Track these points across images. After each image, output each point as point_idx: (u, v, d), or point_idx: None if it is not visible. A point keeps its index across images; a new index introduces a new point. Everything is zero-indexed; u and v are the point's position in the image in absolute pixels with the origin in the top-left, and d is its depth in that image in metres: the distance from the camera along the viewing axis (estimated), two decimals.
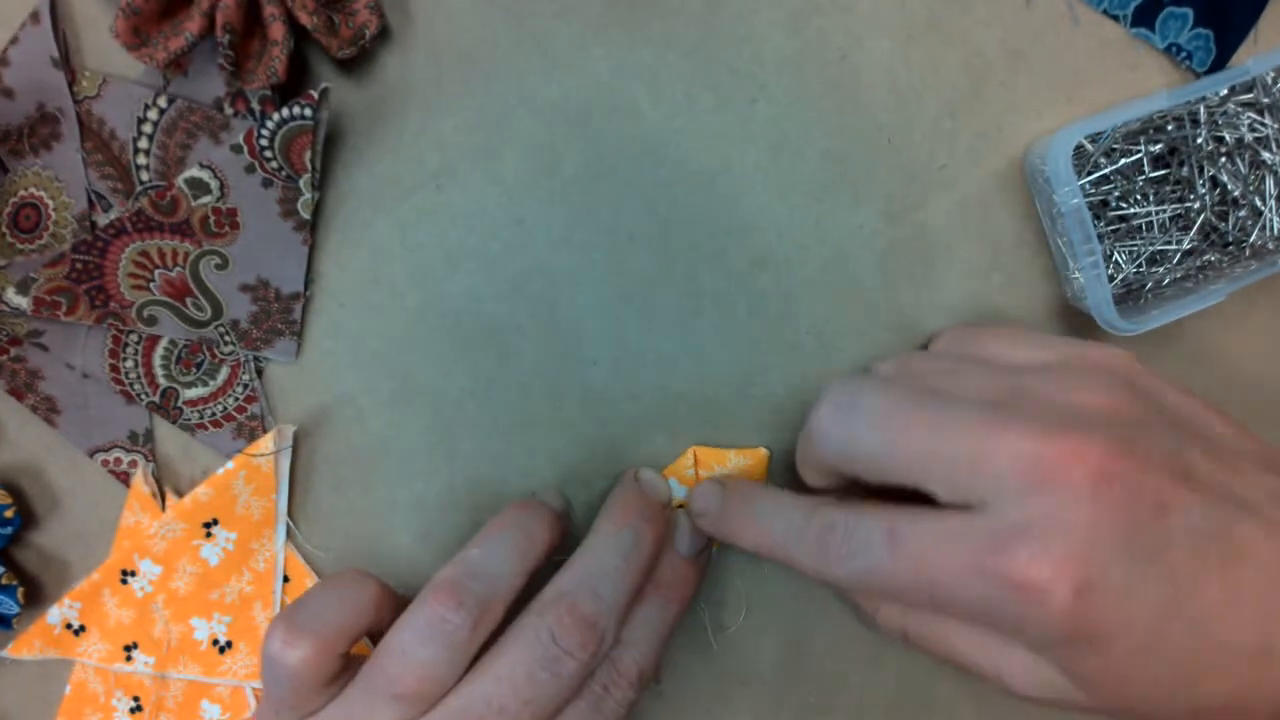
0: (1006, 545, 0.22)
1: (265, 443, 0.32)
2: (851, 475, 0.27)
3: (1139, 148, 0.31)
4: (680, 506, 0.32)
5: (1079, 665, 0.23)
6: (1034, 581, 0.22)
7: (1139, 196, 0.31)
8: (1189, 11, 0.32)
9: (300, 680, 0.26)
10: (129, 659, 0.33)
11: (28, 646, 0.33)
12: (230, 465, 0.32)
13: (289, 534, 0.33)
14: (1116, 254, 0.31)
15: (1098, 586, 0.22)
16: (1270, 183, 0.31)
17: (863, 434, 0.25)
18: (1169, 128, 0.31)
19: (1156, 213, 0.31)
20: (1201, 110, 0.31)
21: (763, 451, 0.32)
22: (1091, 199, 0.31)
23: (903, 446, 0.25)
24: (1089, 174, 0.31)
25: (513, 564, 0.27)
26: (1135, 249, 0.31)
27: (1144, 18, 0.32)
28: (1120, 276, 0.31)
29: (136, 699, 0.33)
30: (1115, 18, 0.32)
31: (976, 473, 0.23)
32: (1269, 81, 0.31)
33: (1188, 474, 0.23)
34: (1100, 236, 0.31)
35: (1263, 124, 0.31)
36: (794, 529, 0.27)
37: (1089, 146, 0.31)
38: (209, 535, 0.32)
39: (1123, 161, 0.31)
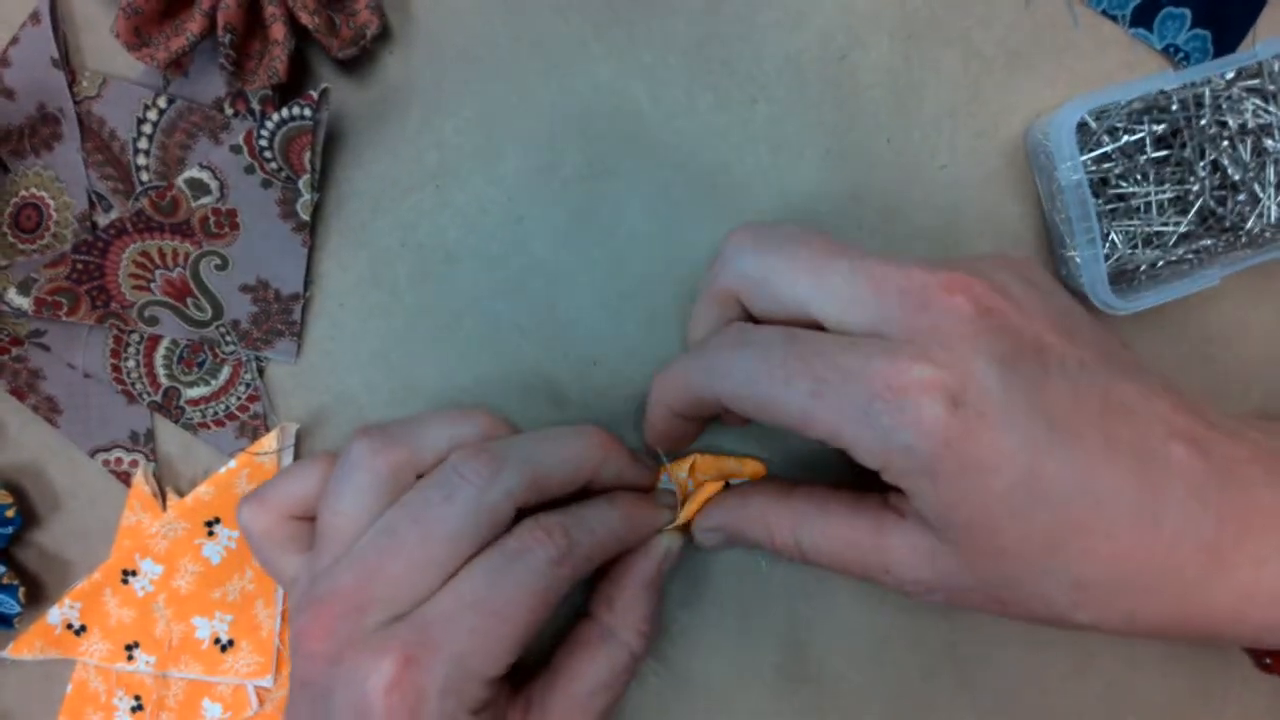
0: (890, 352, 0.22)
1: (268, 441, 0.32)
2: (750, 301, 0.27)
3: (1142, 127, 0.31)
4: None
5: (955, 505, 0.22)
6: (911, 384, 0.22)
7: (1139, 176, 0.31)
8: (1187, 12, 0.32)
9: (252, 539, 0.28)
10: (130, 658, 0.33)
11: (28, 647, 0.33)
12: (233, 464, 0.32)
13: None
14: (1113, 234, 0.32)
15: (974, 403, 0.22)
16: (1271, 170, 0.31)
17: (771, 251, 0.26)
18: (1173, 108, 0.31)
19: (1155, 193, 0.31)
20: (1206, 93, 0.31)
21: (758, 465, 0.32)
22: (1092, 176, 0.31)
23: (802, 262, 0.25)
24: (1090, 151, 0.31)
25: (435, 425, 0.28)
26: (1132, 230, 0.31)
27: (1142, 18, 0.32)
28: (1115, 256, 0.32)
29: (138, 698, 0.33)
30: (1114, 18, 0.32)
31: (867, 294, 0.24)
32: (1275, 69, 0.31)
33: (1070, 333, 0.24)
34: (1098, 215, 0.31)
35: (1267, 110, 0.31)
36: (698, 326, 0.28)
37: (1092, 124, 0.31)
38: (211, 534, 0.32)
39: (1125, 139, 0.31)
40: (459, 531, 0.25)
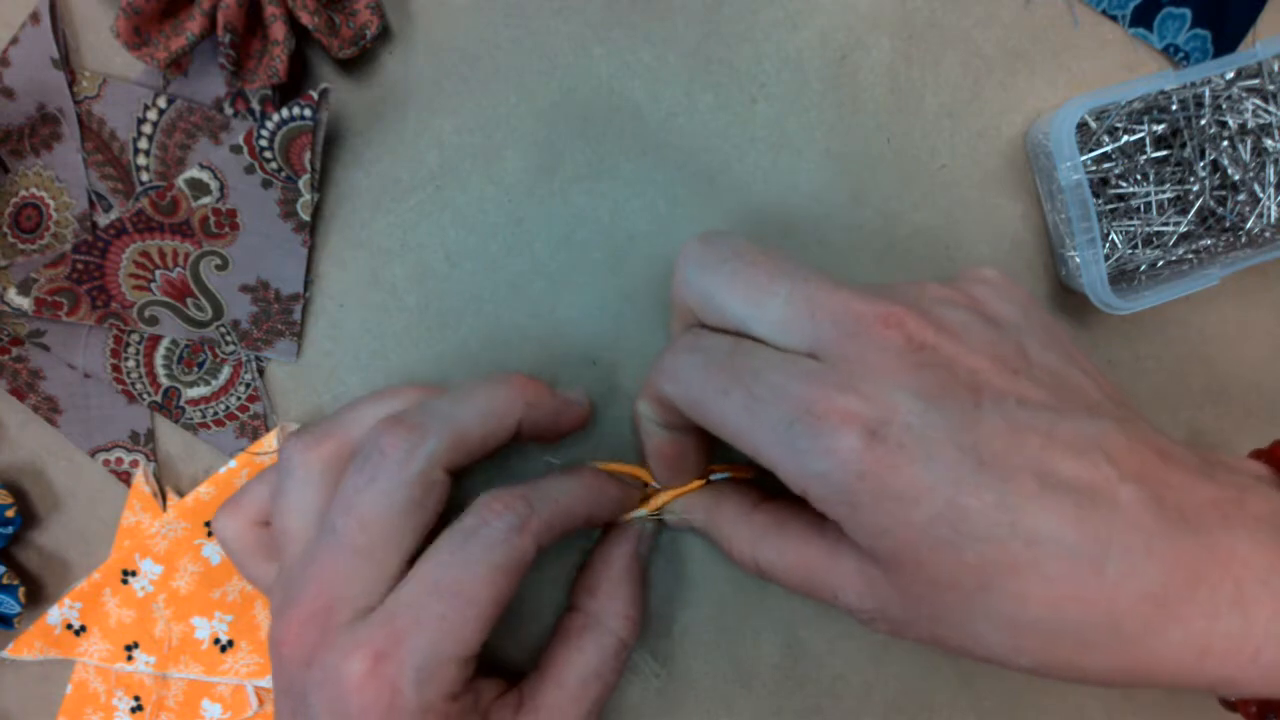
0: (816, 376, 0.22)
1: (268, 441, 0.32)
2: (699, 314, 0.26)
3: (1142, 127, 0.31)
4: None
5: (878, 535, 0.22)
6: (831, 411, 0.22)
7: (1139, 176, 0.31)
8: (1187, 12, 0.32)
9: (227, 547, 0.29)
10: (130, 659, 0.33)
11: (28, 647, 0.33)
12: (233, 464, 0.32)
13: None
14: (1113, 234, 0.32)
15: (893, 436, 0.21)
16: (1270, 170, 0.31)
17: (713, 268, 0.25)
18: (1173, 108, 0.31)
19: (1155, 193, 0.31)
20: (1206, 93, 0.31)
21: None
22: (1092, 176, 0.31)
23: (741, 282, 0.25)
24: (1090, 151, 0.31)
25: (363, 408, 0.28)
26: (1132, 230, 0.32)
27: (1142, 17, 0.32)
28: (1115, 256, 0.32)
29: (137, 699, 0.33)
30: (1114, 18, 0.32)
31: (803, 319, 0.23)
32: (1275, 69, 0.31)
33: (1018, 370, 0.23)
34: (1098, 215, 0.31)
35: (1267, 111, 0.31)
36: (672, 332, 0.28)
37: (1093, 124, 0.31)
38: (211, 534, 0.32)
39: (1125, 139, 0.31)
40: (390, 511, 0.25)
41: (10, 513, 0.32)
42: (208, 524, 0.32)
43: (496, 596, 0.25)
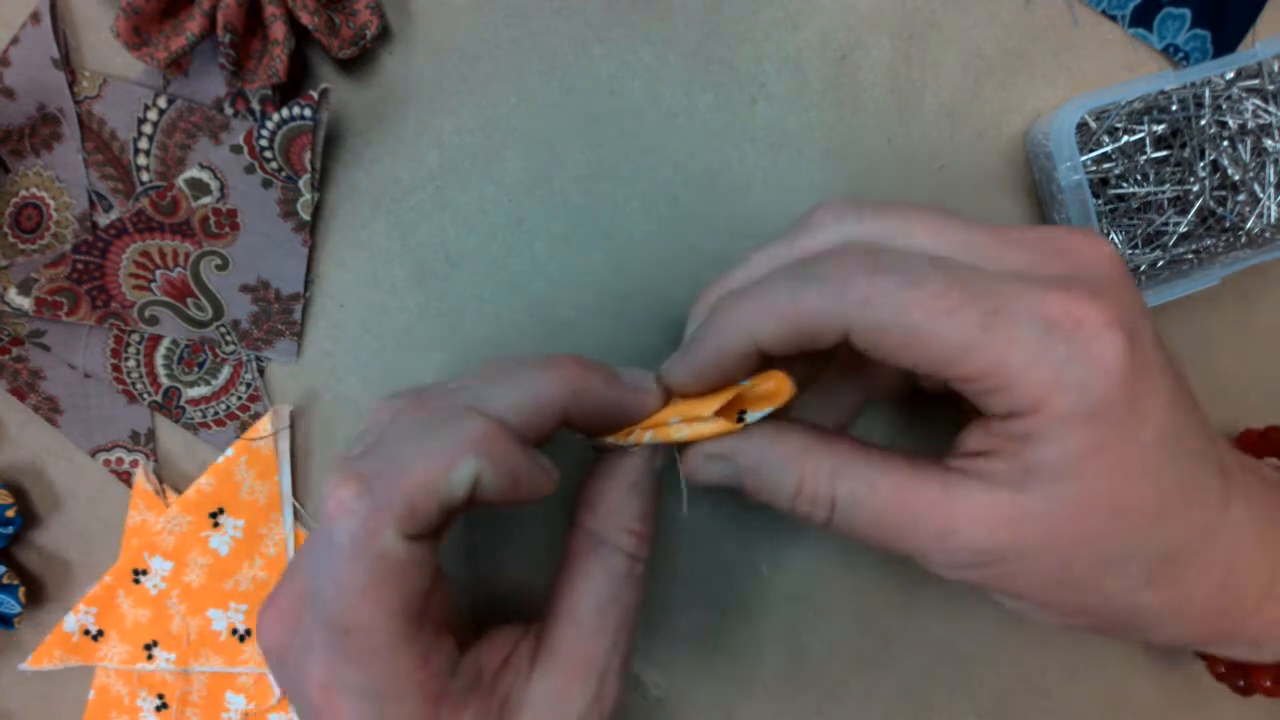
0: (1061, 284, 0.21)
1: (263, 425, 0.32)
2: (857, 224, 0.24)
3: (1142, 127, 0.31)
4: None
5: (1096, 452, 0.21)
6: (1093, 317, 0.21)
7: (1139, 176, 0.31)
8: (1187, 12, 0.32)
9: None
10: (150, 657, 0.33)
11: (48, 656, 0.33)
12: (230, 452, 0.32)
13: (296, 515, 0.33)
14: (1114, 234, 0.32)
15: (1139, 346, 0.21)
16: (1270, 170, 0.31)
17: (882, 215, 0.24)
18: (1173, 108, 0.31)
19: (1155, 193, 0.31)
20: (1206, 93, 0.31)
21: (781, 379, 0.24)
22: (1092, 176, 0.31)
23: (921, 223, 0.23)
24: (1090, 151, 0.31)
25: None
26: (1132, 230, 0.32)
27: (1142, 18, 0.32)
28: None
29: (161, 696, 0.33)
30: (1114, 18, 0.32)
31: (993, 247, 0.22)
32: (1275, 69, 0.31)
33: None
34: (1098, 215, 0.31)
35: (1267, 111, 0.31)
36: (779, 256, 0.25)
37: (1092, 124, 0.31)
38: (216, 525, 0.32)
39: (1125, 140, 0.31)
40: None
41: (10, 513, 0.32)
42: (212, 515, 0.32)
43: (390, 611, 0.22)
